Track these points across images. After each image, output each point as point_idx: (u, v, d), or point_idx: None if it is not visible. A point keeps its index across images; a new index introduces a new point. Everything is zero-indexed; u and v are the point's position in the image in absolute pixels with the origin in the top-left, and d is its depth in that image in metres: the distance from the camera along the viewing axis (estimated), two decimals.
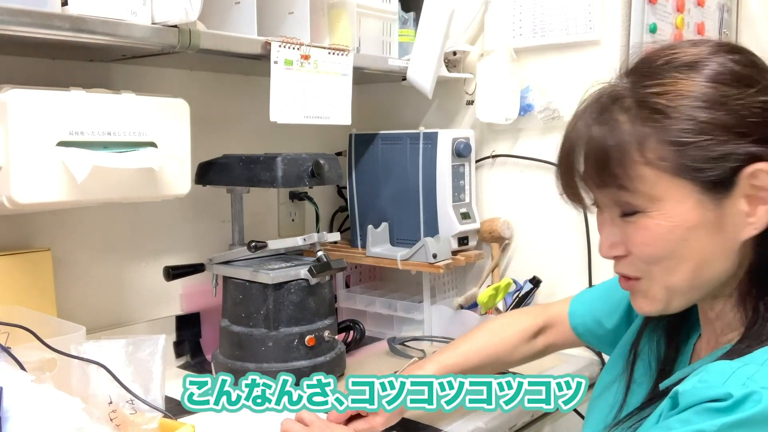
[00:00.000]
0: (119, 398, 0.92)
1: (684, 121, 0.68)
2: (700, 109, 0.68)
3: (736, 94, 0.69)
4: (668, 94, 0.69)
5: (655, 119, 0.69)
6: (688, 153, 0.68)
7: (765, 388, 0.62)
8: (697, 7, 1.63)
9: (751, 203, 0.70)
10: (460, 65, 1.64)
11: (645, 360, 0.87)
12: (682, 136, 0.68)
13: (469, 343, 1.11)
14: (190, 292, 1.47)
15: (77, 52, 1.20)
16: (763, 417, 0.61)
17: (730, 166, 0.68)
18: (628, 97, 0.72)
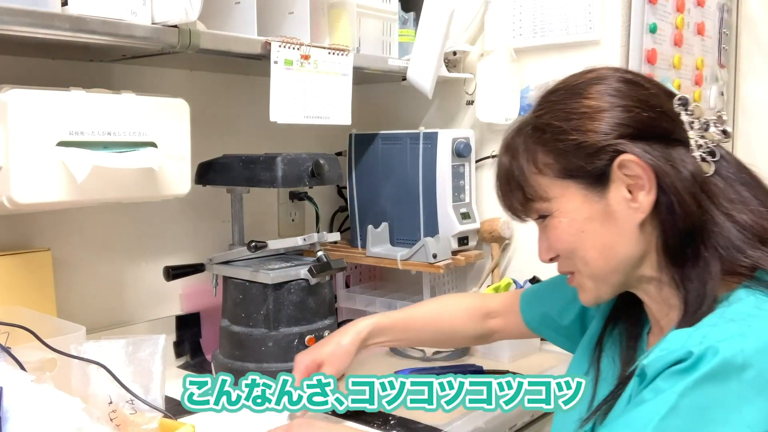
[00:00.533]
0: (119, 398, 0.92)
1: (558, 132, 0.81)
2: (571, 121, 0.81)
3: (604, 106, 0.81)
4: (548, 114, 0.84)
5: (540, 136, 0.83)
6: (566, 158, 0.81)
7: (720, 341, 0.68)
8: (697, 7, 1.63)
9: (632, 191, 0.79)
10: (460, 65, 1.64)
11: (609, 355, 0.92)
12: (557, 145, 0.81)
13: (415, 309, 1.18)
14: (190, 292, 1.47)
15: (77, 52, 1.20)
16: (724, 367, 0.66)
17: (602, 162, 0.79)
18: (529, 125, 0.85)
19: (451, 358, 1.46)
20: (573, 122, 0.81)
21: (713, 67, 1.76)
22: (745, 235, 0.78)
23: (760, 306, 0.73)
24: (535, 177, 0.83)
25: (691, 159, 0.80)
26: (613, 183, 0.80)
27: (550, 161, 0.82)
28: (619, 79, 0.83)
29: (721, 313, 0.73)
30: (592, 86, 0.83)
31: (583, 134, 0.80)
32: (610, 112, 0.80)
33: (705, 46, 1.69)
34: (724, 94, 1.82)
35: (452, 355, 1.46)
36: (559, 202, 0.82)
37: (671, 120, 0.82)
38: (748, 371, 0.66)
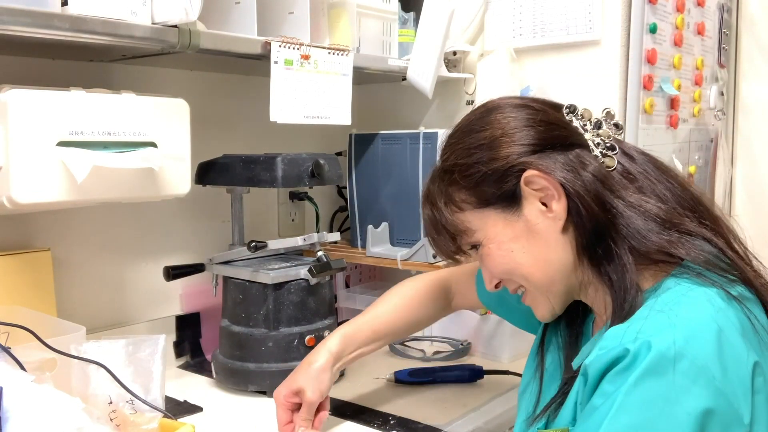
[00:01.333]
0: (119, 398, 0.92)
1: (464, 168, 0.87)
2: (472, 156, 0.87)
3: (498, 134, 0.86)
4: (452, 156, 0.89)
5: (450, 177, 0.88)
6: (478, 189, 0.86)
7: (652, 336, 0.71)
8: (697, 7, 1.63)
9: (545, 203, 0.84)
10: (460, 65, 1.64)
11: (554, 353, 0.96)
12: (465, 180, 0.87)
13: (377, 308, 1.19)
14: (190, 292, 1.47)
15: (77, 52, 1.20)
16: (659, 361, 0.69)
17: (510, 183, 0.85)
18: (436, 174, 0.91)
19: (451, 358, 1.46)
20: (474, 156, 0.86)
21: (713, 67, 1.76)
22: (650, 223, 0.82)
23: (686, 293, 0.76)
24: (456, 215, 0.88)
25: (593, 158, 0.85)
26: (526, 200, 0.85)
27: (465, 197, 0.87)
28: (506, 106, 0.89)
29: (651, 305, 0.76)
30: (483, 119, 0.89)
31: (486, 164, 0.85)
32: (505, 138, 0.86)
33: (705, 46, 1.69)
34: (724, 94, 1.82)
35: (452, 355, 1.47)
36: (483, 231, 0.87)
37: (563, 128, 0.87)
38: (681, 362, 0.69)
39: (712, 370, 0.69)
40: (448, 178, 0.89)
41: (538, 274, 0.86)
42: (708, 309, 0.74)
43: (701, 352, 0.70)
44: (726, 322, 0.73)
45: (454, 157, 0.88)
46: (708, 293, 0.76)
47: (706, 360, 0.70)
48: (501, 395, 1.26)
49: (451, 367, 1.38)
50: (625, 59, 1.39)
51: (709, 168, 1.77)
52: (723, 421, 0.69)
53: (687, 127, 1.64)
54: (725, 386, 0.69)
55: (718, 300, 0.75)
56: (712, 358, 0.70)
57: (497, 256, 0.87)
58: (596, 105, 0.90)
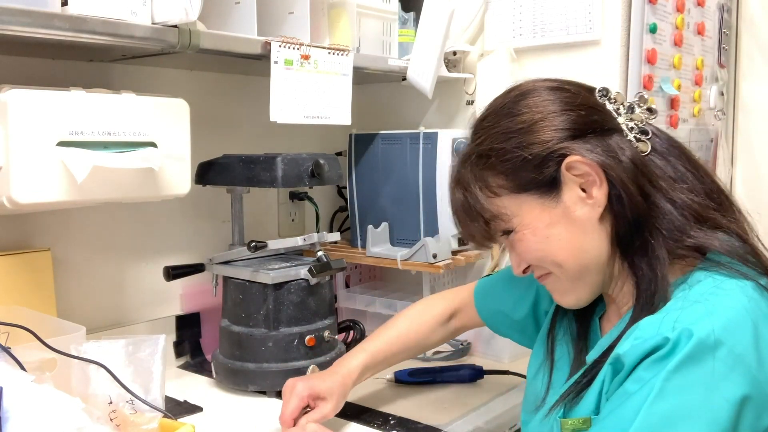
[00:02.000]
0: (119, 398, 0.92)
1: (502, 153, 0.85)
2: (510, 140, 0.85)
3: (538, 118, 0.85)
4: (486, 140, 0.87)
5: (486, 162, 0.86)
6: (516, 174, 0.84)
7: (692, 324, 0.72)
8: (697, 7, 1.63)
9: (585, 189, 0.83)
10: (460, 65, 1.64)
11: (562, 345, 0.97)
12: (506, 165, 0.85)
13: (391, 331, 1.19)
14: (190, 292, 1.47)
15: (77, 52, 1.20)
16: (699, 348, 0.70)
17: (551, 169, 0.83)
18: (472, 155, 0.89)
19: (451, 358, 1.46)
20: (512, 140, 0.84)
21: (713, 67, 1.76)
22: (686, 217, 0.83)
23: (719, 285, 0.77)
24: (491, 201, 0.87)
25: (628, 143, 0.85)
26: (566, 185, 0.84)
27: (502, 182, 0.85)
28: (542, 89, 0.87)
29: (684, 296, 0.77)
30: (519, 102, 0.87)
31: (526, 149, 0.83)
32: (544, 122, 0.84)
33: (705, 46, 1.69)
34: (724, 94, 1.82)
35: (452, 355, 1.47)
36: (519, 217, 0.86)
37: (599, 112, 0.86)
38: (720, 349, 0.70)
39: (749, 359, 0.71)
40: (483, 162, 0.87)
41: (571, 261, 0.85)
42: (742, 300, 0.75)
43: (739, 340, 0.71)
44: (759, 312, 0.74)
45: (490, 141, 0.86)
46: (740, 285, 0.77)
47: (743, 348, 0.71)
48: (501, 395, 1.26)
49: (451, 367, 1.38)
50: (625, 59, 1.39)
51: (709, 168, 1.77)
52: (758, 408, 0.70)
53: (687, 127, 1.64)
54: (760, 374, 0.71)
55: (750, 291, 0.76)
56: (749, 347, 0.71)
57: (532, 242, 0.86)
58: None
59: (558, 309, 0.99)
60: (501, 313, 1.15)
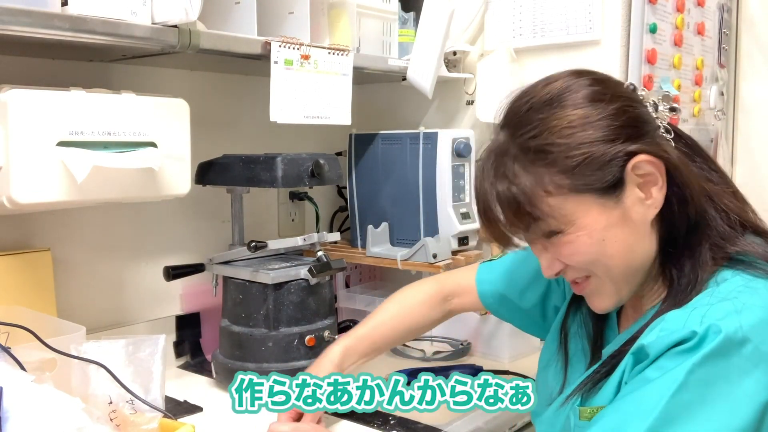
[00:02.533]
0: (119, 398, 0.92)
1: (564, 151, 0.78)
2: (572, 136, 0.79)
3: (596, 112, 0.79)
4: (542, 134, 0.80)
5: (540, 158, 0.79)
6: (576, 173, 0.78)
7: (720, 320, 0.71)
8: (697, 7, 1.63)
9: (644, 189, 0.80)
10: (460, 65, 1.64)
11: (576, 339, 0.96)
12: (567, 163, 0.78)
13: (378, 315, 1.17)
14: (190, 292, 1.47)
15: (77, 52, 1.20)
16: (726, 343, 0.70)
17: (615, 169, 0.79)
18: (512, 148, 0.82)
19: (451, 358, 1.46)
20: (576, 136, 0.78)
21: (713, 67, 1.76)
22: (731, 223, 0.82)
23: (747, 284, 0.77)
24: (544, 199, 0.80)
25: (667, 141, 0.82)
26: (628, 186, 0.79)
27: (560, 180, 0.79)
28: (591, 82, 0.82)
29: (711, 293, 0.77)
30: (571, 95, 0.81)
31: (590, 146, 0.78)
32: (607, 119, 0.79)
33: (705, 46, 1.69)
34: (724, 94, 1.82)
35: (452, 355, 1.47)
36: (575, 219, 0.80)
37: (644, 109, 0.83)
38: (746, 346, 0.70)
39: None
40: (540, 158, 0.79)
41: (621, 265, 0.82)
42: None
43: (765, 338, 0.71)
44: None
45: (548, 135, 0.79)
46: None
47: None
48: None
49: (451, 367, 1.38)
50: (625, 59, 1.39)
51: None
52: None
53: (687, 127, 1.63)
54: None
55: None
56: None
57: (586, 245, 0.80)
58: None
59: (571, 304, 0.99)
60: (505, 298, 1.13)
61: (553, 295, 1.08)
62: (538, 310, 1.10)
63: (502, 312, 1.16)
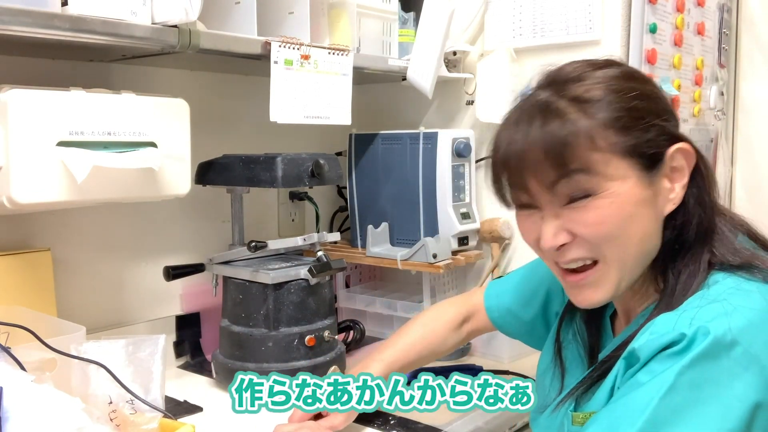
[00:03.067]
0: (119, 398, 0.92)
1: (620, 109, 0.77)
2: (628, 99, 0.78)
3: (643, 87, 0.80)
4: (597, 89, 0.78)
5: (595, 109, 0.77)
6: (631, 135, 0.77)
7: (709, 322, 0.71)
8: (697, 7, 1.63)
9: (671, 181, 0.80)
10: (460, 65, 1.64)
11: (572, 347, 0.95)
12: (622, 122, 0.77)
13: (405, 338, 1.17)
14: (190, 292, 1.47)
15: (77, 52, 1.20)
16: (715, 346, 0.69)
17: (661, 145, 0.78)
18: (560, 99, 0.79)
19: (451, 358, 1.46)
20: (643, 102, 0.78)
21: (713, 67, 1.76)
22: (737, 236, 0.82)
23: (739, 286, 0.76)
24: (592, 152, 0.76)
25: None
26: (661, 170, 0.79)
27: (612, 137, 0.76)
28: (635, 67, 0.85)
29: (702, 295, 0.76)
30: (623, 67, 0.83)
31: (656, 116, 0.78)
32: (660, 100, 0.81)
33: (705, 46, 1.69)
34: (724, 94, 1.82)
35: (452, 355, 1.46)
36: (613, 182, 0.77)
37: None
38: (735, 348, 0.70)
39: (765, 360, 0.70)
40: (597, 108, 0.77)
41: (636, 249, 0.79)
42: (761, 301, 0.74)
43: (755, 341, 0.70)
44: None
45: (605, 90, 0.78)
46: (760, 287, 0.76)
47: (759, 349, 0.70)
48: None
49: (451, 367, 1.38)
50: (625, 59, 1.39)
51: None
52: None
53: (687, 127, 1.63)
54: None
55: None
56: (765, 349, 0.70)
57: (612, 215, 0.77)
58: None
59: (565, 312, 0.99)
60: (510, 313, 1.14)
61: (553, 302, 1.08)
62: (540, 321, 1.10)
63: (509, 328, 1.17)
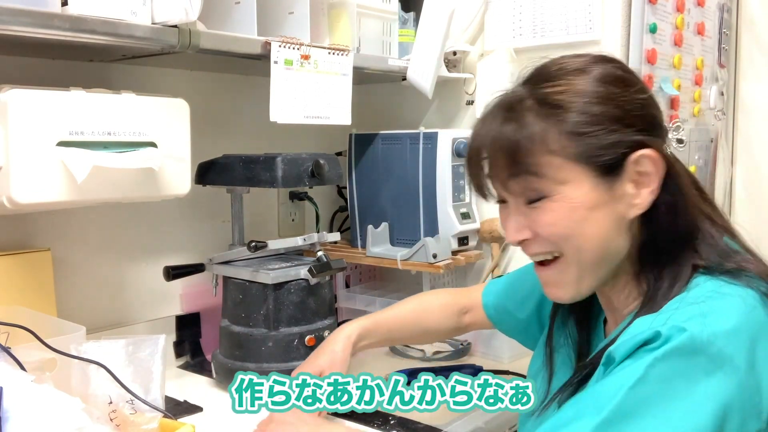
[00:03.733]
0: (119, 398, 0.92)
1: (580, 114, 0.78)
2: (592, 104, 0.79)
3: (620, 92, 0.80)
4: (565, 93, 0.80)
5: (555, 113, 0.79)
6: (584, 142, 0.78)
7: (685, 321, 0.71)
8: (697, 7, 1.63)
9: (636, 186, 0.80)
10: (460, 65, 1.64)
11: (563, 352, 0.95)
12: (579, 128, 0.78)
13: (400, 306, 1.20)
14: (190, 292, 1.47)
15: (77, 52, 1.20)
16: (689, 343, 0.69)
17: (620, 152, 0.79)
18: (529, 98, 0.81)
19: (451, 358, 1.46)
20: (601, 107, 0.78)
21: (713, 67, 1.76)
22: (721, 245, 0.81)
23: (719, 290, 0.76)
24: (545, 155, 0.79)
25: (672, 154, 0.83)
26: (624, 176, 0.79)
27: (566, 142, 0.78)
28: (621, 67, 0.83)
29: (681, 298, 0.76)
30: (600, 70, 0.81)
31: (611, 122, 0.78)
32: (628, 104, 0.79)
33: (705, 46, 1.69)
34: (724, 94, 1.82)
35: (452, 355, 1.47)
36: (565, 186, 0.79)
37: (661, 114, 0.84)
38: (710, 348, 0.69)
39: (739, 361, 0.70)
40: (556, 113, 0.79)
41: (593, 250, 0.81)
42: (740, 304, 0.74)
43: (730, 342, 0.70)
44: (756, 319, 0.73)
45: (570, 94, 0.79)
46: (740, 291, 0.76)
47: (734, 351, 0.70)
48: None
49: (451, 367, 1.38)
50: (625, 59, 1.39)
51: (709, 168, 1.77)
52: (743, 414, 0.69)
53: (687, 127, 1.63)
54: (750, 379, 0.70)
55: (750, 299, 0.75)
56: (740, 351, 0.70)
57: (566, 217, 0.79)
58: None
59: (556, 316, 0.99)
60: (506, 311, 1.15)
61: (548, 303, 1.08)
62: (535, 321, 1.10)
63: (504, 326, 1.18)
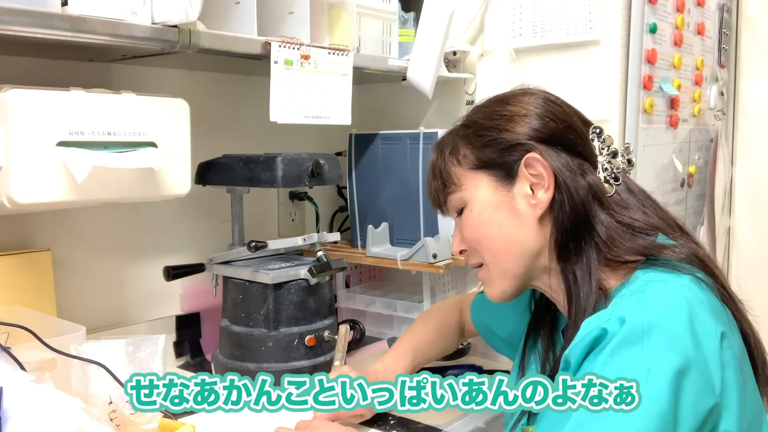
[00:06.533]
0: (119, 398, 0.92)
1: (482, 128, 0.92)
2: (490, 120, 0.93)
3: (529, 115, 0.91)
4: (474, 115, 0.96)
5: (464, 131, 0.94)
6: (483, 151, 0.92)
7: (625, 313, 0.75)
8: (697, 7, 1.63)
9: (533, 188, 0.89)
10: (460, 65, 1.64)
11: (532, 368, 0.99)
12: (480, 140, 0.92)
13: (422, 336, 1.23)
14: (190, 292, 1.47)
15: (77, 52, 1.20)
16: (633, 331, 0.73)
17: (513, 158, 0.90)
18: (459, 123, 0.97)
19: (450, 358, 1.46)
20: (494, 121, 0.92)
21: (713, 67, 1.76)
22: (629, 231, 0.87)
23: (654, 279, 0.81)
24: (453, 168, 0.93)
25: (594, 176, 0.90)
26: (519, 179, 0.90)
27: (468, 153, 0.93)
28: (540, 95, 0.94)
29: (621, 294, 0.81)
30: (517, 96, 0.94)
31: (501, 132, 0.91)
32: (528, 118, 0.90)
33: (705, 46, 1.69)
34: (724, 94, 1.82)
35: (452, 355, 1.46)
36: (471, 191, 0.92)
37: (580, 138, 0.92)
38: (654, 332, 0.73)
39: (685, 341, 0.73)
40: (462, 132, 0.94)
41: (502, 250, 0.91)
42: (678, 289, 0.78)
43: (673, 324, 0.74)
44: (695, 299, 0.77)
45: (476, 116, 0.94)
46: (677, 278, 0.81)
47: (678, 331, 0.73)
48: None
49: (451, 367, 1.38)
50: (625, 59, 1.39)
51: (709, 168, 1.77)
52: (697, 386, 0.72)
53: (687, 127, 1.64)
54: (698, 356, 0.73)
55: (687, 282, 0.80)
56: (684, 331, 0.73)
57: (475, 221, 0.92)
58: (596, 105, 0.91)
59: (529, 332, 1.03)
60: (489, 330, 1.19)
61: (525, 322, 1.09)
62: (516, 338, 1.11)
63: (490, 342, 1.22)
